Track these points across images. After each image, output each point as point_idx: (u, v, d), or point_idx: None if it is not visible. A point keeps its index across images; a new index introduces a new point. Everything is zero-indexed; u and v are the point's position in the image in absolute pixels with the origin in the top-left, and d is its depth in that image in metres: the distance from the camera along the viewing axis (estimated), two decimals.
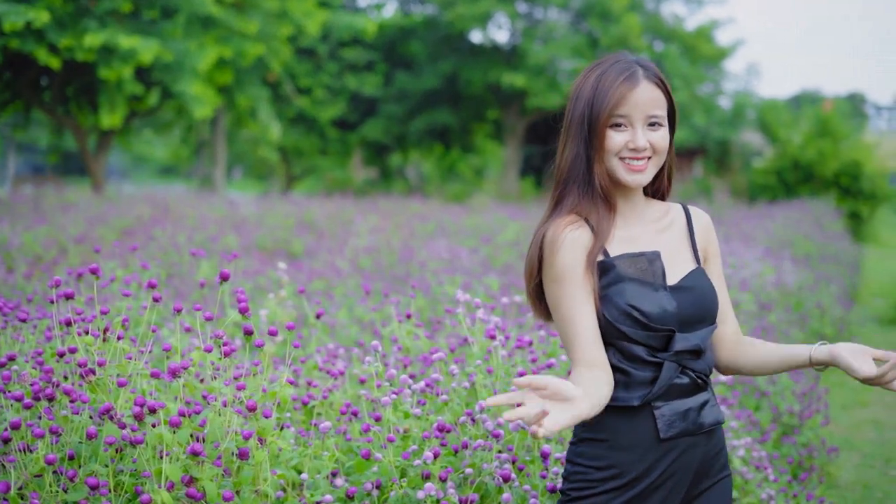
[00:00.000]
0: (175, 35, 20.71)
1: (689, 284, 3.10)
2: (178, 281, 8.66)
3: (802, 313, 10.14)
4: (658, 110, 3.08)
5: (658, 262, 3.09)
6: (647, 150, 3.07)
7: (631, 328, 3.01)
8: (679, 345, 3.03)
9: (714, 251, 3.29)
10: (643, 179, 3.09)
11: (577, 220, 3.07)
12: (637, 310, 3.00)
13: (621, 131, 3.07)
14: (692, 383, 3.07)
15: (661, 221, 3.21)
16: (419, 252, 11.54)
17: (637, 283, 3.04)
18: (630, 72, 3.08)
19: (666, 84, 3.13)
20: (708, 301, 3.11)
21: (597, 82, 3.11)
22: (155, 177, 50.88)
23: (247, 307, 3.18)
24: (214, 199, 19.42)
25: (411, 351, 4.94)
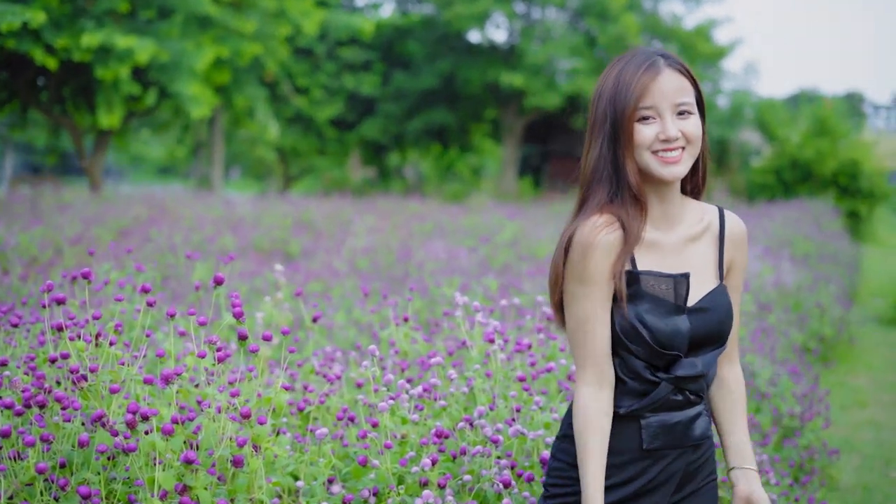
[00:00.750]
0: (172, 35, 20.65)
1: (707, 305, 3.00)
2: (175, 283, 8.61)
3: (802, 314, 10.10)
4: (686, 97, 2.97)
5: (684, 284, 2.98)
6: (679, 140, 2.95)
7: (636, 345, 2.95)
8: (682, 370, 2.97)
9: (739, 265, 3.15)
10: (679, 171, 2.96)
11: (613, 222, 2.95)
12: (648, 329, 2.93)
13: (650, 124, 2.95)
14: (685, 399, 3.02)
15: (694, 228, 3.08)
16: (417, 252, 11.50)
17: (655, 302, 2.95)
18: (650, 61, 2.98)
19: (690, 70, 3.02)
20: (722, 322, 3.01)
21: (617, 78, 3.01)
22: (153, 177, 50.81)
23: (241, 312, 3.14)
24: (212, 200, 19.37)
25: (409, 354, 4.89)
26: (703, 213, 3.12)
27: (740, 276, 3.15)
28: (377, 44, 32.72)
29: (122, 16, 20.55)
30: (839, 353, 11.24)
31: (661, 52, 3.03)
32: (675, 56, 3.03)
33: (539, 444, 3.75)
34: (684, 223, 3.07)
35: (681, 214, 3.07)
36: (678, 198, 3.06)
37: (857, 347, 11.90)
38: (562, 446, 3.09)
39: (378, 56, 32.98)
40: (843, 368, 10.79)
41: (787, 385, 6.98)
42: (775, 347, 8.02)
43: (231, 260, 5.35)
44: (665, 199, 3.03)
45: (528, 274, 9.74)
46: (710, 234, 3.10)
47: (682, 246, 3.05)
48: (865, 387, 10.13)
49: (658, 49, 3.06)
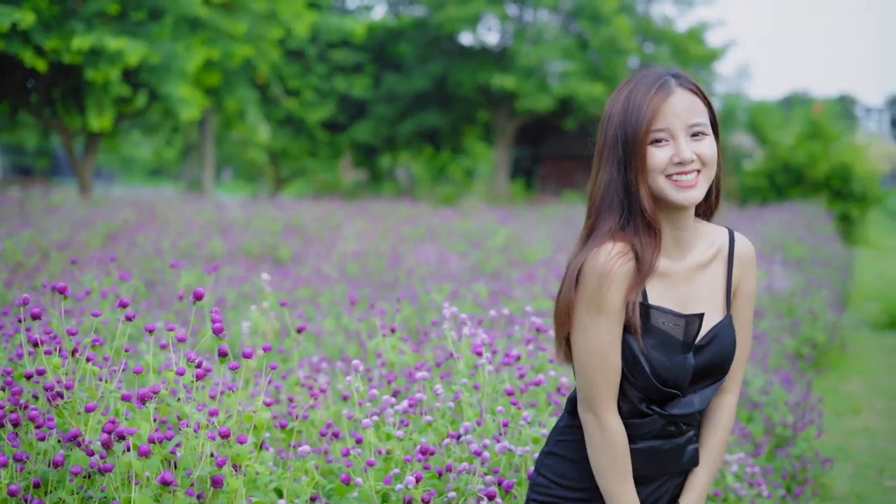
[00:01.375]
0: (162, 37, 20.55)
1: (713, 339, 2.92)
2: (162, 289, 8.52)
3: (794, 319, 10.03)
4: (699, 118, 2.85)
5: (696, 324, 2.89)
6: (694, 163, 2.84)
7: (636, 377, 2.87)
8: (677, 409, 2.90)
9: (747, 291, 3.04)
10: (696, 196, 2.85)
11: (628, 251, 2.84)
12: (651, 364, 2.85)
13: (663, 146, 2.84)
14: (677, 430, 2.94)
15: (705, 254, 2.97)
16: (407, 258, 11.42)
17: (663, 339, 2.87)
18: (661, 81, 2.86)
19: (703, 90, 2.91)
20: (726, 356, 2.93)
21: (627, 99, 2.88)
22: (144, 179, 50.65)
23: (221, 328, 3.05)
24: (202, 203, 19.27)
25: (396, 365, 4.81)
26: (715, 237, 3.02)
27: (747, 303, 3.04)
28: (369, 46, 32.66)
29: (111, 17, 20.44)
30: (832, 359, 11.18)
31: (672, 71, 2.92)
32: (687, 75, 2.92)
33: (527, 460, 3.67)
34: (696, 250, 2.97)
35: (692, 240, 2.96)
36: (691, 222, 2.95)
37: (850, 353, 11.84)
38: (547, 462, 3.03)
39: (369, 58, 32.92)
40: (836, 374, 10.73)
41: (779, 394, 6.92)
42: (767, 355, 7.96)
43: (216, 269, 5.26)
44: (678, 226, 2.92)
45: (518, 280, 9.67)
46: (720, 258, 3.00)
47: (692, 273, 2.95)
48: (858, 393, 10.06)
49: (669, 68, 2.95)
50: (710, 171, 2.88)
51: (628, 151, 2.84)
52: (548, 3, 30.61)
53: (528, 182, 38.80)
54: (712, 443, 3.04)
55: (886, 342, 12.72)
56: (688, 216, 2.92)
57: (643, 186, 2.84)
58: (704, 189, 2.87)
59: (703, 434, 3.04)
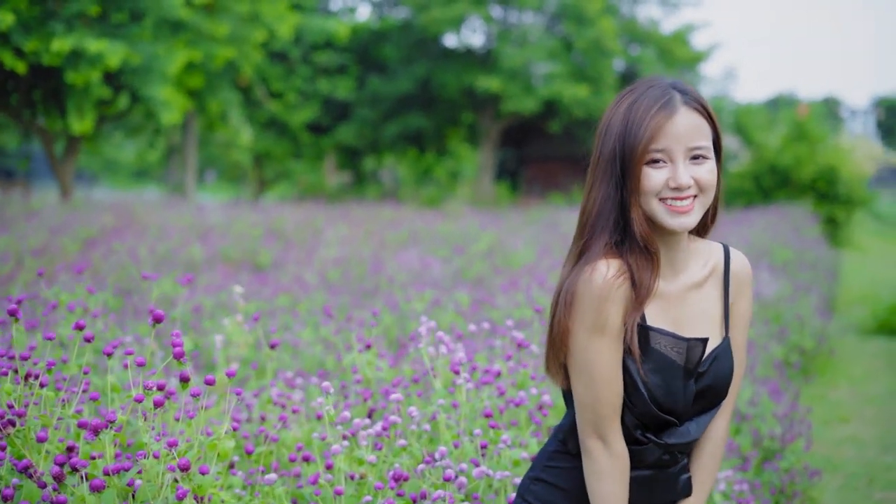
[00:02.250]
0: (144, 38, 20.34)
1: (714, 366, 2.76)
2: (137, 298, 8.33)
3: (782, 326, 9.90)
4: (702, 140, 2.67)
5: (699, 349, 2.73)
6: (691, 189, 2.65)
7: (633, 404, 2.70)
8: (674, 439, 2.75)
9: (742, 312, 2.87)
10: (689, 222, 2.67)
11: (624, 271, 2.67)
12: (650, 392, 2.69)
13: (660, 168, 2.66)
14: (672, 459, 2.79)
15: (699, 273, 2.81)
16: (389, 263, 11.25)
17: (663, 363, 2.70)
18: (666, 98, 2.67)
19: (709, 108, 2.71)
20: (723, 381, 2.78)
21: (628, 112, 2.69)
22: (128, 181, 50.33)
23: (182, 352, 2.88)
24: (182, 207, 19.07)
25: (372, 382, 4.65)
26: (709, 256, 2.85)
27: (742, 324, 2.87)
28: (353, 48, 32.51)
29: (92, 19, 20.21)
30: (819, 366, 11.06)
31: (678, 85, 2.73)
32: (694, 90, 2.73)
33: (507, 485, 3.52)
34: (689, 269, 2.80)
35: (686, 260, 2.80)
36: (685, 243, 2.79)
37: (838, 359, 11.72)
38: (534, 489, 2.88)
39: (353, 60, 32.77)
40: (824, 381, 10.61)
41: (767, 405, 6.78)
42: (755, 364, 7.82)
43: (190, 281, 5.10)
44: (672, 247, 2.76)
45: (501, 288, 9.51)
46: (715, 277, 2.84)
47: (685, 294, 2.78)
48: (846, 400, 9.95)
49: (675, 81, 2.75)
50: (708, 197, 2.71)
51: (624, 169, 2.67)
52: (532, 4, 30.49)
53: (514, 184, 38.68)
54: (704, 469, 2.89)
55: (874, 347, 12.61)
56: (682, 237, 2.77)
57: (636, 208, 2.68)
58: (699, 215, 2.70)
59: (694, 459, 2.89)
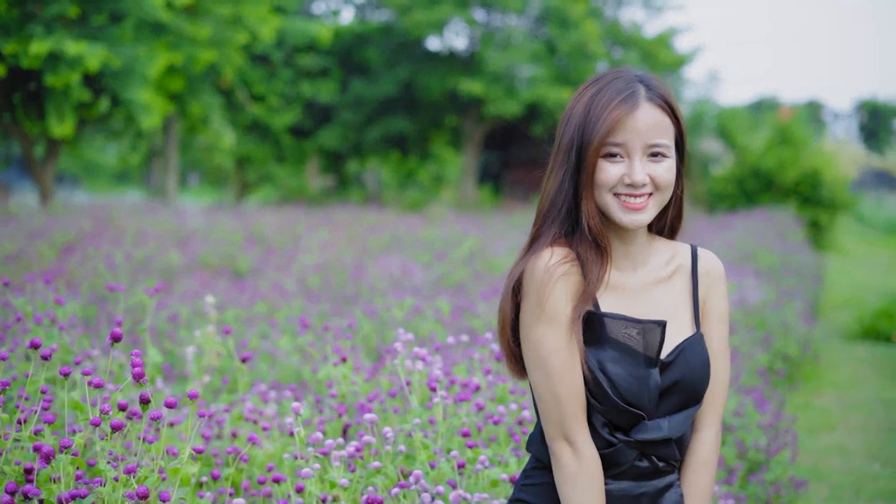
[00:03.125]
0: (124, 40, 20.15)
1: (680, 357, 2.62)
2: (112, 306, 8.15)
3: (766, 333, 9.78)
4: (661, 138, 2.59)
5: (658, 333, 2.60)
6: (646, 186, 2.58)
7: (596, 399, 2.57)
8: (644, 434, 2.58)
9: (716, 310, 2.74)
10: (642, 220, 2.60)
11: (571, 256, 2.60)
12: (611, 383, 2.55)
13: (616, 162, 2.58)
14: (652, 468, 2.62)
15: (662, 270, 2.71)
16: (370, 270, 11.10)
17: (622, 351, 2.58)
18: (629, 91, 2.58)
19: (673, 105, 2.62)
20: (695, 377, 2.62)
21: (590, 103, 2.61)
22: (110, 184, 49.99)
23: (142, 373, 2.74)
24: (162, 211, 18.89)
25: (347, 396, 4.50)
26: (674, 254, 2.75)
27: (719, 324, 2.74)
28: (335, 51, 32.32)
29: (71, 21, 20.02)
30: (804, 373, 10.96)
31: (645, 78, 2.64)
32: (661, 85, 2.64)
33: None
34: (649, 265, 2.70)
35: (645, 255, 2.70)
36: (643, 237, 2.69)
37: (823, 365, 11.63)
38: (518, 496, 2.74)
39: (336, 63, 32.58)
40: (809, 388, 10.51)
41: (752, 416, 6.65)
42: (740, 373, 7.70)
43: (158, 291, 4.95)
44: (628, 241, 2.67)
45: (482, 296, 9.38)
46: (682, 274, 2.73)
47: (650, 288, 2.68)
48: (832, 408, 9.84)
49: (642, 73, 2.66)
50: (664, 196, 2.62)
51: (580, 160, 2.60)
52: (515, 7, 30.36)
53: (497, 187, 38.54)
54: (695, 487, 2.72)
55: (859, 353, 12.53)
56: (638, 232, 2.68)
57: (587, 200, 2.60)
58: (653, 213, 2.63)
59: (683, 478, 2.72)
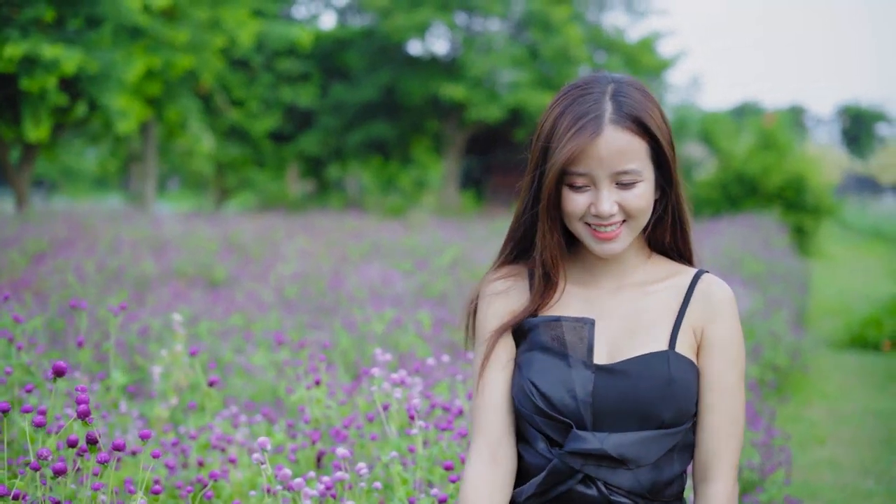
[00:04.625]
0: (101, 45, 19.85)
1: (627, 368, 2.34)
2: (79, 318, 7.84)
3: (756, 343, 9.55)
4: (629, 164, 2.33)
5: (585, 330, 2.35)
6: (615, 216, 2.34)
7: (527, 410, 2.33)
8: (574, 444, 2.30)
9: (718, 341, 2.42)
10: (615, 248, 2.37)
11: (514, 272, 2.45)
12: (536, 389, 2.31)
13: (582, 192, 2.34)
14: (599, 496, 2.32)
15: (650, 285, 2.45)
16: (350, 279, 10.83)
17: (549, 355, 2.34)
18: (592, 116, 2.31)
19: (646, 123, 2.34)
20: (648, 397, 2.32)
21: (554, 124, 2.36)
22: (89, 190, 49.57)
23: (88, 410, 2.48)
24: (138, 218, 18.57)
25: (321, 422, 4.24)
26: (671, 273, 2.49)
27: (722, 356, 2.42)
28: (315, 55, 32.05)
29: (48, 25, 19.71)
30: (794, 384, 10.75)
31: (618, 91, 2.36)
32: (636, 98, 2.36)
33: None
34: (631, 279, 2.47)
35: (625, 270, 2.47)
36: (635, 258, 2.47)
37: (811, 375, 11.42)
38: None
39: (316, 67, 32.31)
40: (799, 400, 10.30)
41: (746, 435, 6.42)
42: None
43: (123, 309, 4.69)
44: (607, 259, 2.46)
45: None
46: (673, 291, 2.45)
47: (614, 293, 2.45)
48: (822, 420, 9.63)
49: (617, 85, 2.38)
50: (638, 222, 2.38)
51: (539, 187, 2.39)
52: (498, 11, 30.17)
53: (479, 193, 38.32)
54: None
55: (847, 362, 12.32)
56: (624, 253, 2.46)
57: (549, 231, 2.39)
58: (628, 240, 2.39)
59: None
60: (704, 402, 2.42)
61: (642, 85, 2.44)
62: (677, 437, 2.37)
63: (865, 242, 31.78)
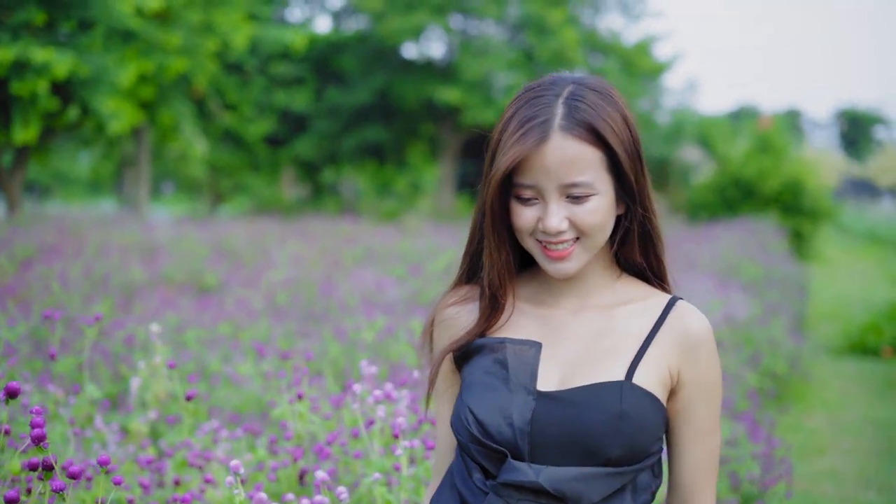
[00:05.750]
0: (93, 48, 19.69)
1: (574, 397, 2.11)
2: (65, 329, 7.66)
3: (754, 351, 9.38)
4: (580, 175, 2.09)
5: (529, 354, 2.15)
6: (565, 233, 2.11)
7: (462, 438, 2.13)
8: (508, 475, 2.09)
9: (695, 382, 2.20)
10: (567, 268, 2.14)
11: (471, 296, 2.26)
12: (472, 415, 2.11)
13: (531, 205, 2.13)
14: None
15: (616, 308, 2.23)
16: (342, 285, 10.65)
17: (490, 379, 2.14)
18: (539, 120, 2.09)
19: (600, 131, 2.09)
20: (591, 427, 2.09)
21: (503, 128, 2.16)
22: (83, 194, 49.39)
23: (43, 434, 2.30)
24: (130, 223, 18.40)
25: (304, 438, 4.07)
26: (641, 297, 2.26)
27: (701, 398, 2.21)
28: (310, 58, 31.90)
29: (39, 28, 19.55)
30: (793, 391, 10.59)
31: (574, 94, 2.14)
32: (592, 102, 2.13)
33: None
34: (594, 300, 2.25)
35: (588, 290, 2.25)
36: (601, 278, 2.25)
37: (811, 383, 11.27)
38: None
39: (311, 71, 32.16)
40: (799, 408, 10.14)
41: (745, 446, 6.25)
42: (734, 398, 7.29)
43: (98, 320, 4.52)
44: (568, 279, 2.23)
45: None
46: (639, 319, 2.22)
47: (575, 314, 2.23)
48: (822, 429, 9.48)
49: (575, 87, 2.15)
50: (593, 240, 2.14)
51: (484, 200, 2.20)
52: (493, 14, 30.04)
53: (474, 197, 38.09)
54: None
55: (847, 369, 12.17)
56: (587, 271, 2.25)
57: (496, 249, 2.20)
58: (583, 260, 2.16)
59: None
60: (683, 444, 2.23)
61: (608, 88, 2.21)
62: (627, 477, 2.14)
63: (863, 246, 31.66)
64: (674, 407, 2.22)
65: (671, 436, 2.26)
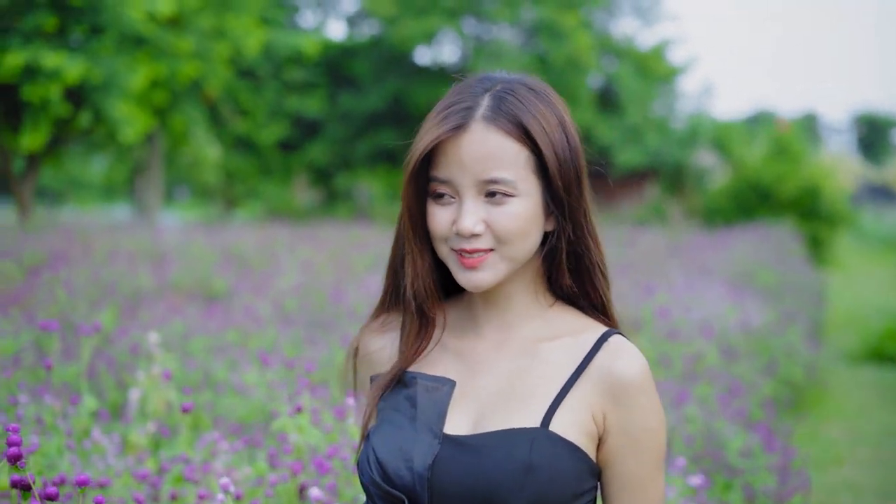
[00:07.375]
0: (104, 53, 19.63)
1: (481, 444, 1.91)
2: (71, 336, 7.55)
3: (770, 359, 9.22)
4: (500, 171, 1.90)
5: (440, 392, 1.96)
6: (480, 238, 1.90)
7: (364, 478, 1.96)
8: None
9: (627, 432, 1.96)
10: (481, 279, 1.92)
11: (395, 325, 2.06)
12: (375, 455, 1.93)
13: (445, 204, 1.93)
14: None
15: (543, 342, 1.99)
16: (351, 292, 10.52)
17: (397, 416, 1.96)
18: (462, 107, 1.94)
19: (527, 126, 1.91)
20: (495, 477, 1.87)
21: (426, 119, 2.02)
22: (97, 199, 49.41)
23: (20, 453, 2.17)
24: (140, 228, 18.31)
25: (304, 452, 3.94)
26: (572, 331, 2.02)
27: (633, 451, 1.97)
28: (322, 64, 31.82)
29: (50, 34, 19.50)
30: (811, 400, 10.42)
31: (506, 88, 1.97)
32: (524, 98, 1.94)
33: None
34: (515, 327, 2.03)
35: (512, 321, 2.03)
36: (527, 301, 2.02)
37: (828, 391, 11.09)
38: None
39: (323, 76, 32.08)
40: (816, 417, 9.96)
41: (761, 458, 6.09)
42: (747, 407, 7.14)
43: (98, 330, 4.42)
44: (496, 303, 2.02)
45: None
46: (566, 352, 1.99)
47: (498, 347, 2.02)
48: (840, 439, 9.31)
49: (510, 83, 1.98)
50: (511, 249, 1.92)
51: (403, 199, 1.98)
52: (507, 18, 29.92)
53: None
54: None
55: (865, 377, 11.99)
56: (513, 296, 2.02)
57: (417, 257, 1.99)
58: (500, 272, 1.94)
59: None
60: (610, 500, 2.02)
61: (547, 89, 2.03)
62: None
63: (881, 252, 31.37)
64: (602, 458, 1.99)
65: (602, 489, 2.04)
